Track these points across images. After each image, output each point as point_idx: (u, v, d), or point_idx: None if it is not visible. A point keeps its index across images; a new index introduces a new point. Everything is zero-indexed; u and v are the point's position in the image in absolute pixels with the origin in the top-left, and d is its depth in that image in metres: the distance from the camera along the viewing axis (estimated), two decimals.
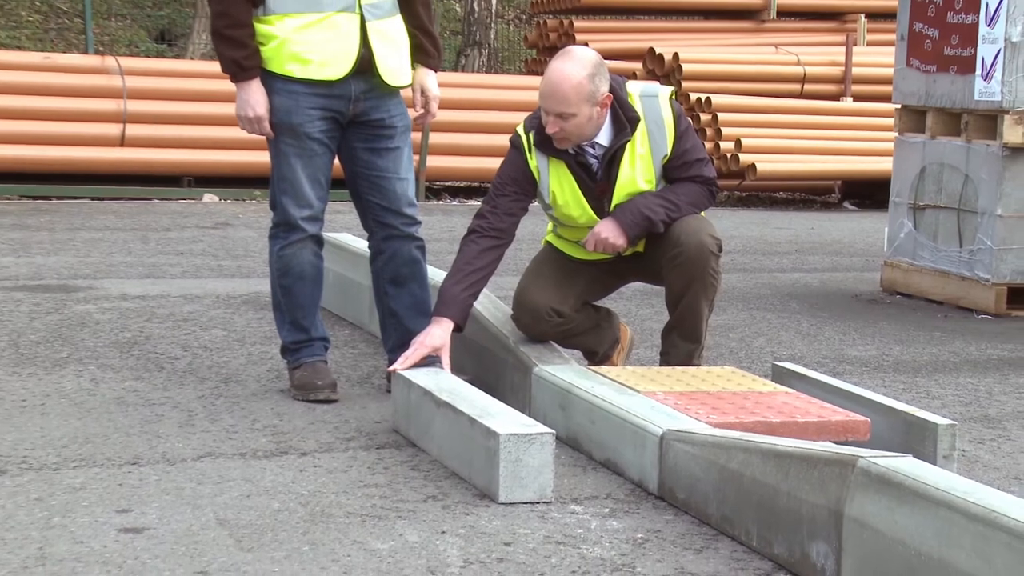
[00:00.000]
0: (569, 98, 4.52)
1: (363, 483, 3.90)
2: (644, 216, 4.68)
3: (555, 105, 4.54)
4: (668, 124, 4.70)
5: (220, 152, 11.13)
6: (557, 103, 4.54)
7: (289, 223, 4.78)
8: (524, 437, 3.76)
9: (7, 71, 11.06)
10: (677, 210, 4.71)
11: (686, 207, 4.72)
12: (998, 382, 5.57)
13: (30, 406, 4.62)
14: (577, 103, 4.53)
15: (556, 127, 4.58)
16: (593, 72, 4.55)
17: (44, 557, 3.23)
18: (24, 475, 3.85)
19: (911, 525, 2.96)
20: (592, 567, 3.31)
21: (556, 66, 4.57)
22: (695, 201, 4.76)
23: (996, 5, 6.96)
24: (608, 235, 4.69)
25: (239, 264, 7.97)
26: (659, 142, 4.71)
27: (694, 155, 4.76)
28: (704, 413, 4.05)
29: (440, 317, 4.58)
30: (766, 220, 11.59)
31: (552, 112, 4.56)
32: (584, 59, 4.58)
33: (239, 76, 4.67)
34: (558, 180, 4.73)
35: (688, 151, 4.74)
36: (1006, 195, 7.03)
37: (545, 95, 4.57)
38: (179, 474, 3.93)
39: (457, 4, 19.75)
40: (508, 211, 4.72)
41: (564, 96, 4.52)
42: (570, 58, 4.59)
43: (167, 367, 5.26)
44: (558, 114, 4.55)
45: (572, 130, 4.59)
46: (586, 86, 4.52)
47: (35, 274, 7.35)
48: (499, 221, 4.70)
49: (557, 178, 4.73)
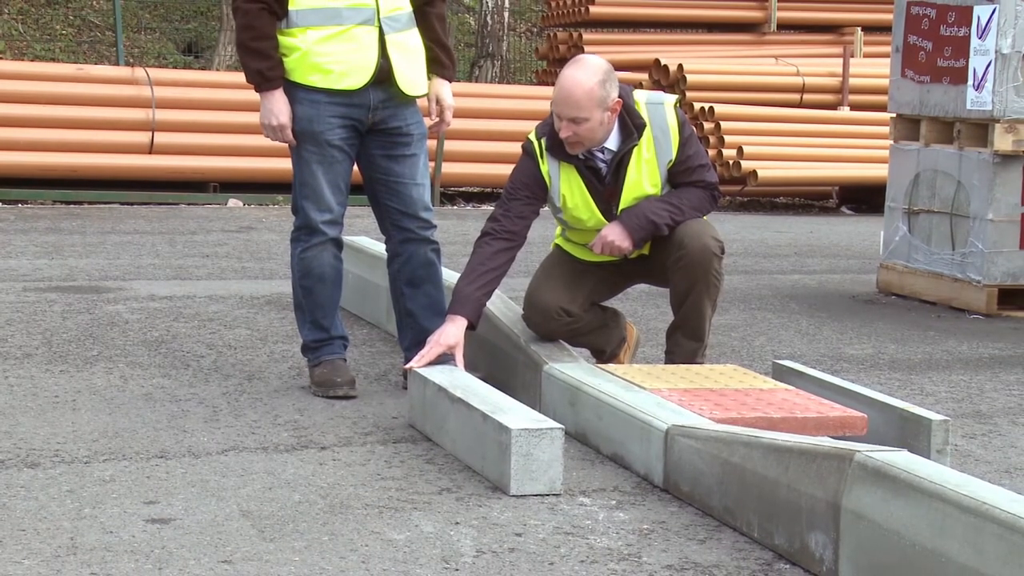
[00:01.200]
0: (582, 103, 4.59)
1: (380, 476, 3.94)
2: (649, 220, 4.73)
3: (568, 110, 4.61)
4: (673, 130, 4.76)
5: (244, 159, 11.19)
6: (570, 108, 4.60)
7: (310, 227, 4.82)
8: (535, 432, 3.79)
9: (42, 82, 11.18)
10: (681, 214, 4.75)
11: (689, 211, 4.77)
12: (989, 379, 5.59)
13: (62, 402, 4.66)
14: (589, 108, 4.59)
15: (569, 131, 4.63)
16: (604, 78, 4.62)
17: (75, 547, 3.27)
18: (56, 468, 3.90)
19: (906, 517, 2.99)
20: (600, 557, 3.34)
21: (568, 73, 4.64)
22: (698, 205, 4.81)
23: (987, 18, 6.96)
24: (614, 238, 4.75)
25: (262, 266, 8.00)
26: (664, 148, 4.76)
27: (697, 160, 4.81)
28: (707, 409, 4.07)
29: (454, 316, 4.61)
30: (767, 224, 11.56)
31: (565, 117, 4.62)
32: (595, 66, 4.65)
33: (263, 86, 4.70)
34: (568, 184, 4.78)
35: (691, 156, 4.79)
36: (997, 200, 7.04)
37: (558, 101, 4.63)
38: (204, 467, 3.96)
39: (471, 17, 19.72)
40: (520, 214, 4.77)
41: (577, 101, 4.59)
42: (582, 65, 4.66)
43: (193, 365, 5.29)
44: (571, 119, 4.61)
45: (585, 134, 4.65)
46: (597, 92, 4.59)
47: (67, 276, 7.39)
48: (511, 224, 4.75)
49: (567, 182, 4.78)
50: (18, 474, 3.86)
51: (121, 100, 11.19)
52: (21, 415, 4.49)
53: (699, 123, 12.55)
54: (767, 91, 13.72)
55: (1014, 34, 6.94)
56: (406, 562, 3.26)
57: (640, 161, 4.77)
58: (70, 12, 18.55)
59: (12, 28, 18.05)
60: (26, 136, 10.83)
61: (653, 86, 13.07)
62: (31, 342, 5.62)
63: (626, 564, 3.31)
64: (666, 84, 13.22)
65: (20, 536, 3.36)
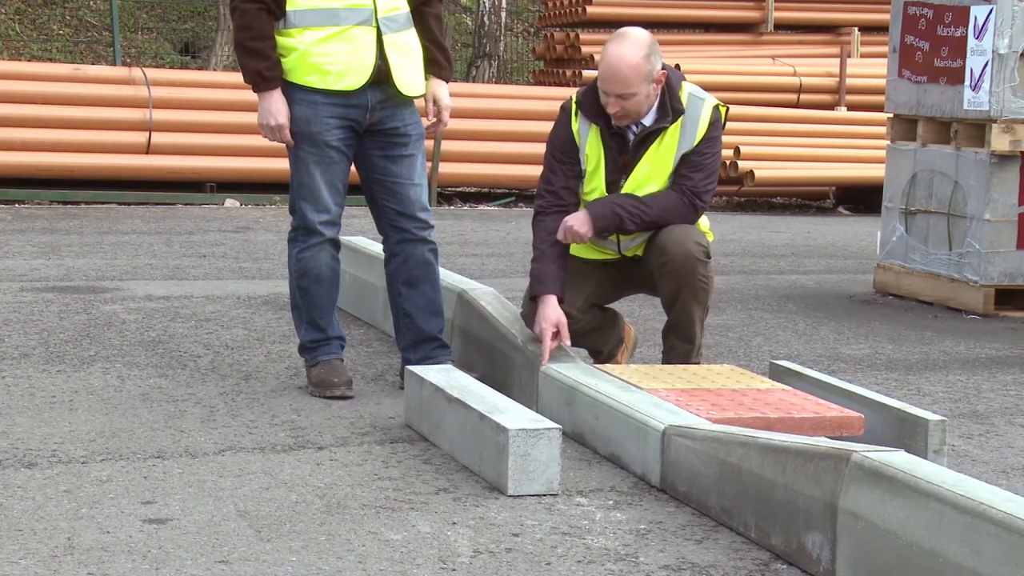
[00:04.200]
0: (629, 79, 4.59)
1: (377, 476, 3.94)
2: (614, 212, 4.72)
3: (616, 87, 4.60)
4: (702, 127, 4.76)
5: (242, 159, 11.20)
6: (618, 85, 4.60)
7: (308, 227, 4.82)
8: (532, 432, 3.79)
9: (39, 82, 11.19)
10: (649, 215, 4.73)
11: (658, 213, 4.74)
12: (986, 379, 5.59)
13: (59, 402, 4.66)
14: (637, 83, 4.60)
15: (617, 106, 4.64)
16: (648, 52, 4.62)
17: (72, 547, 3.28)
18: (53, 468, 3.90)
19: (903, 517, 3.00)
20: (597, 557, 3.34)
21: (613, 50, 4.62)
22: (670, 209, 4.76)
23: (984, 19, 6.97)
24: (573, 223, 4.72)
25: (259, 266, 7.99)
26: (687, 139, 4.76)
27: (703, 160, 4.77)
28: (704, 409, 4.07)
29: (542, 295, 4.66)
30: (764, 224, 11.56)
31: (613, 93, 4.62)
32: (639, 40, 4.65)
33: (261, 87, 4.71)
34: (593, 146, 4.78)
35: (702, 154, 4.77)
36: (994, 200, 7.05)
37: (606, 78, 4.62)
38: (201, 467, 3.96)
39: (468, 18, 19.76)
40: (564, 185, 4.81)
41: (625, 78, 4.59)
42: (626, 40, 4.65)
43: (190, 365, 5.29)
44: (619, 95, 4.61)
45: (632, 108, 4.66)
46: (643, 66, 4.60)
47: (64, 276, 7.39)
48: (558, 198, 4.79)
49: (593, 144, 4.78)
50: (15, 474, 3.86)
51: (118, 100, 11.20)
52: (18, 415, 4.49)
53: None
54: (764, 91, 13.76)
55: (1011, 34, 6.95)
56: (403, 562, 3.27)
57: (661, 144, 4.77)
58: (67, 12, 18.57)
59: (9, 28, 18.07)
60: (23, 136, 10.84)
61: None
62: (28, 342, 5.62)
63: (623, 564, 3.31)
64: None
65: (17, 536, 3.36)
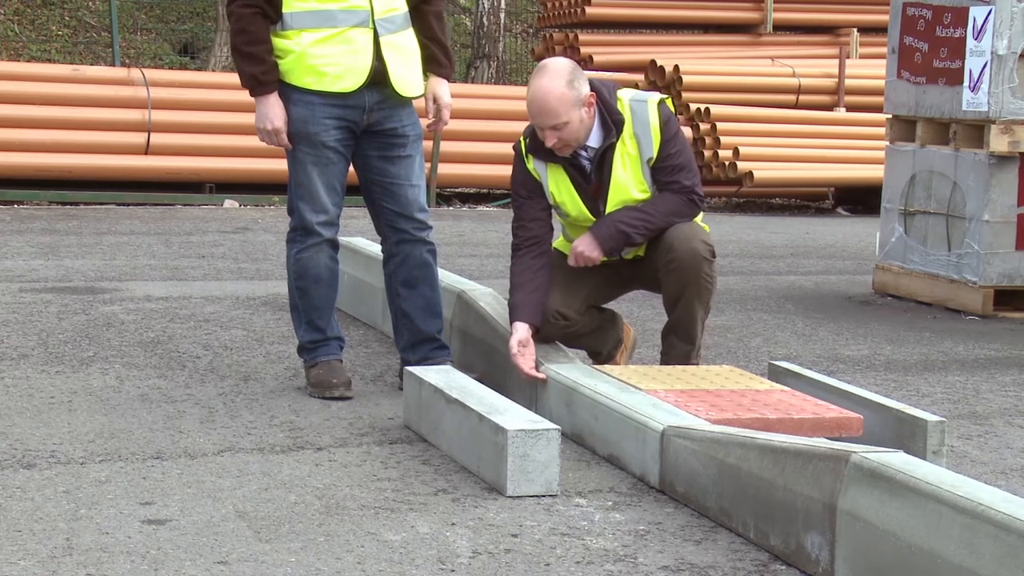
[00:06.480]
0: (557, 109, 4.59)
1: (376, 477, 3.94)
2: (619, 230, 4.74)
3: (547, 119, 4.61)
4: (654, 128, 4.74)
5: (240, 160, 11.20)
6: (548, 117, 4.61)
7: (306, 228, 4.83)
8: (531, 433, 3.80)
9: (38, 83, 11.19)
10: (654, 222, 4.75)
11: (663, 218, 4.76)
12: (985, 380, 5.59)
13: (58, 403, 4.67)
14: (566, 111, 4.60)
15: (554, 138, 4.64)
16: (570, 78, 4.62)
17: (71, 547, 3.29)
18: (52, 468, 3.91)
19: (902, 517, 3.00)
20: (596, 558, 3.35)
21: (536, 84, 4.64)
22: (674, 211, 4.78)
23: (983, 19, 6.97)
24: (583, 248, 4.77)
25: (258, 267, 8.00)
26: (645, 144, 4.75)
27: (676, 160, 4.78)
28: (703, 410, 4.08)
29: (513, 323, 4.68)
30: (763, 225, 11.57)
31: (546, 126, 4.63)
32: (558, 70, 4.65)
33: (257, 90, 4.72)
34: (555, 182, 4.80)
35: (672, 155, 4.77)
36: (993, 201, 7.05)
37: (535, 113, 4.64)
38: (200, 468, 3.97)
39: (467, 18, 19.78)
40: (533, 218, 4.81)
41: (552, 109, 4.59)
42: (546, 72, 4.65)
43: (189, 365, 5.30)
44: (552, 127, 4.62)
45: (569, 136, 4.65)
46: (568, 94, 4.59)
47: (63, 276, 7.39)
48: (529, 231, 4.80)
49: (554, 180, 4.80)
50: (14, 475, 3.87)
51: (117, 101, 11.20)
52: (17, 416, 4.50)
53: (695, 124, 12.59)
54: (763, 92, 13.76)
55: (1010, 35, 6.96)
56: (402, 563, 3.27)
57: (624, 157, 4.77)
58: (66, 13, 18.58)
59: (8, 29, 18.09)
60: (22, 137, 10.84)
61: (649, 87, 13.11)
62: (27, 343, 5.63)
63: (622, 565, 3.32)
64: (662, 85, 13.27)
65: (16, 537, 3.37)
